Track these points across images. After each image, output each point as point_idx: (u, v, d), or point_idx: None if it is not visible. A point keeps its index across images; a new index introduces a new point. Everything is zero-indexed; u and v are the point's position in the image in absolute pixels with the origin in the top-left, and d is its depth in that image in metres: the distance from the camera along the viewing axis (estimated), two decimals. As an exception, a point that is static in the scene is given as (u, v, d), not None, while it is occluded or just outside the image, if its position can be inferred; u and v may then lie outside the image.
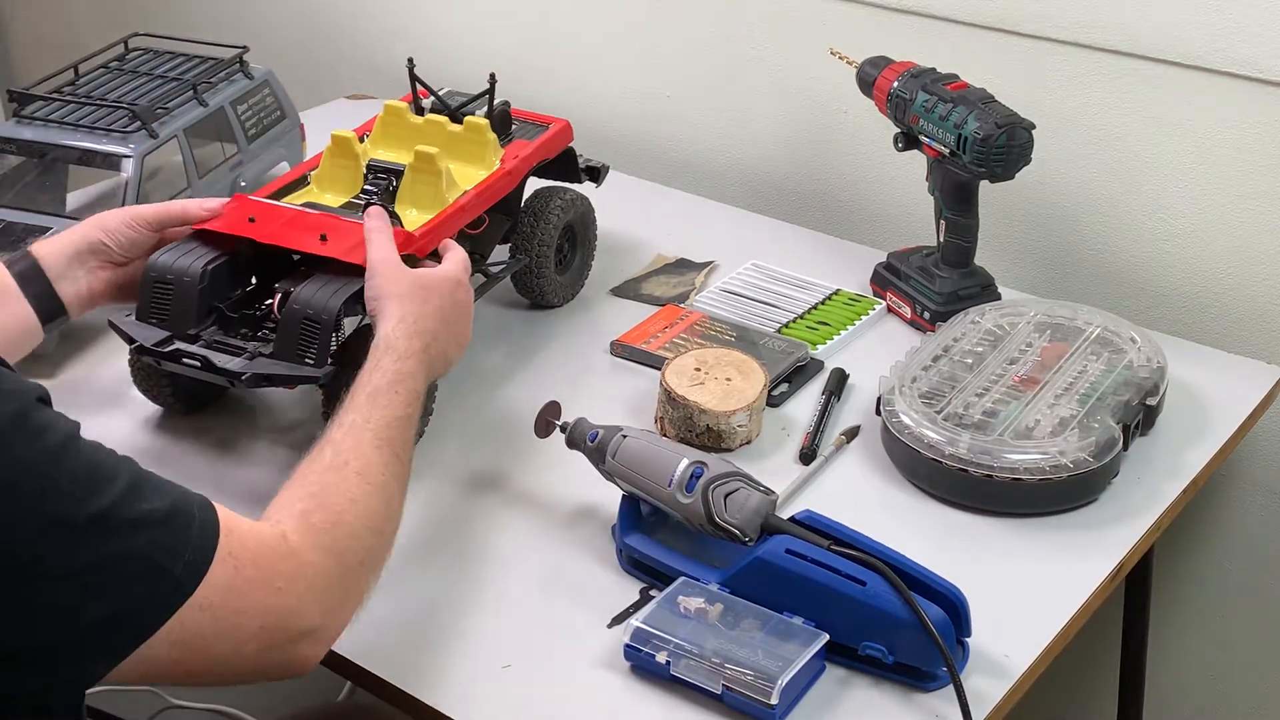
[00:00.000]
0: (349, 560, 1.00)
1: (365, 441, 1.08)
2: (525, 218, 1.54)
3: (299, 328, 1.24)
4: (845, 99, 1.73)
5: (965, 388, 1.36)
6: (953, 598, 1.08)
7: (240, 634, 0.92)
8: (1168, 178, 1.58)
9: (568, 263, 1.61)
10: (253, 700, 2.05)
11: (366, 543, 1.03)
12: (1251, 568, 1.68)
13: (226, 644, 0.92)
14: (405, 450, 1.12)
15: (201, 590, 0.89)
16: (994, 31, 1.64)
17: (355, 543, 1.01)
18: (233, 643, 0.92)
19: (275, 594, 0.94)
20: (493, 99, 1.54)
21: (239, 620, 0.92)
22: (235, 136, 1.72)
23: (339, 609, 1.00)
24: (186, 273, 1.28)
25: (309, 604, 0.96)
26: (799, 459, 1.35)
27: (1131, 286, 1.64)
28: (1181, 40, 1.52)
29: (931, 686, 1.07)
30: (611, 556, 1.22)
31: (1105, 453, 1.28)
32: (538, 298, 1.59)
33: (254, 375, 1.24)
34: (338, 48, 2.33)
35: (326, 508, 1.01)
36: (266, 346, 1.27)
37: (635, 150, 1.97)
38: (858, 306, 1.60)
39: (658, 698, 1.07)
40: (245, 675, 0.95)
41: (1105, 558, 1.23)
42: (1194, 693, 1.78)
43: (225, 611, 0.91)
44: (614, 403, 1.43)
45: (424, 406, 1.22)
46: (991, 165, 1.45)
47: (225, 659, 0.93)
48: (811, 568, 1.08)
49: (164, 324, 1.28)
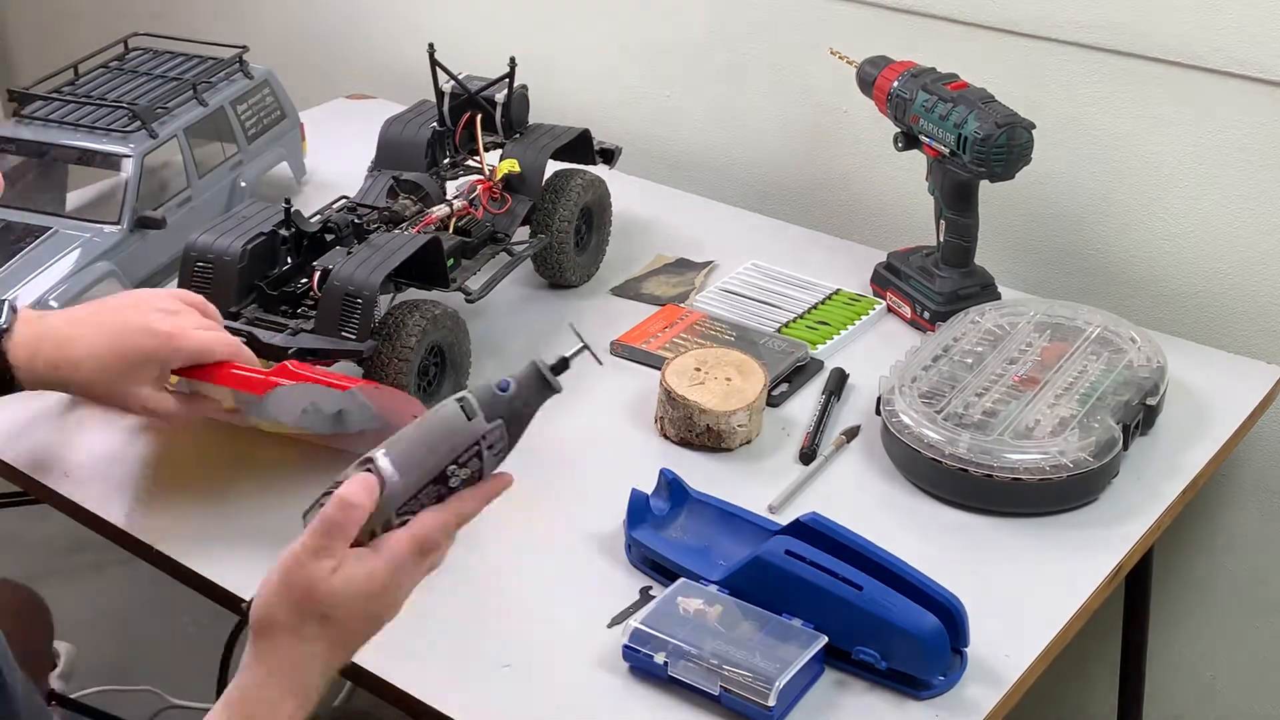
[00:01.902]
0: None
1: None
2: (546, 198, 1.57)
3: (340, 304, 1.28)
4: (845, 99, 1.73)
5: (965, 388, 1.36)
6: (950, 607, 1.08)
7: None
8: (1168, 178, 1.58)
9: (585, 243, 1.64)
10: (253, 700, 2.05)
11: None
12: (1251, 568, 1.68)
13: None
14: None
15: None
16: (994, 31, 1.64)
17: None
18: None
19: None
20: (512, 83, 1.59)
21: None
22: (235, 136, 1.72)
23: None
24: (226, 252, 1.32)
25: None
26: (799, 459, 1.35)
27: (1131, 286, 1.64)
28: (1181, 40, 1.51)
29: (925, 695, 1.07)
30: (611, 557, 1.22)
31: (1105, 453, 1.28)
32: (557, 276, 1.62)
33: (299, 350, 1.27)
34: (338, 48, 2.33)
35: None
36: (307, 323, 1.31)
37: (635, 150, 1.97)
38: (858, 306, 1.60)
39: (656, 698, 1.07)
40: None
41: (1105, 558, 1.23)
42: (1194, 693, 1.78)
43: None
44: (614, 403, 1.43)
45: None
46: (991, 165, 1.45)
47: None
48: (808, 569, 1.08)
49: None
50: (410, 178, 1.52)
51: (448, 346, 1.36)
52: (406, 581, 0.96)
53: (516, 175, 1.56)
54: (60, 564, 2.34)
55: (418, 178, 1.52)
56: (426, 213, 1.48)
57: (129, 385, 1.20)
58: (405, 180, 1.52)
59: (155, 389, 1.21)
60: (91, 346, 1.19)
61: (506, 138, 1.62)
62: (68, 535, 2.20)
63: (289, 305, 1.35)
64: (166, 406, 1.22)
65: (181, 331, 1.21)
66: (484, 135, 1.60)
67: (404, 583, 0.96)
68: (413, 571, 0.96)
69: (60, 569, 2.33)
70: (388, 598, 0.95)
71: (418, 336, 1.30)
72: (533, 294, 1.63)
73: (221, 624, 1.76)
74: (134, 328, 1.20)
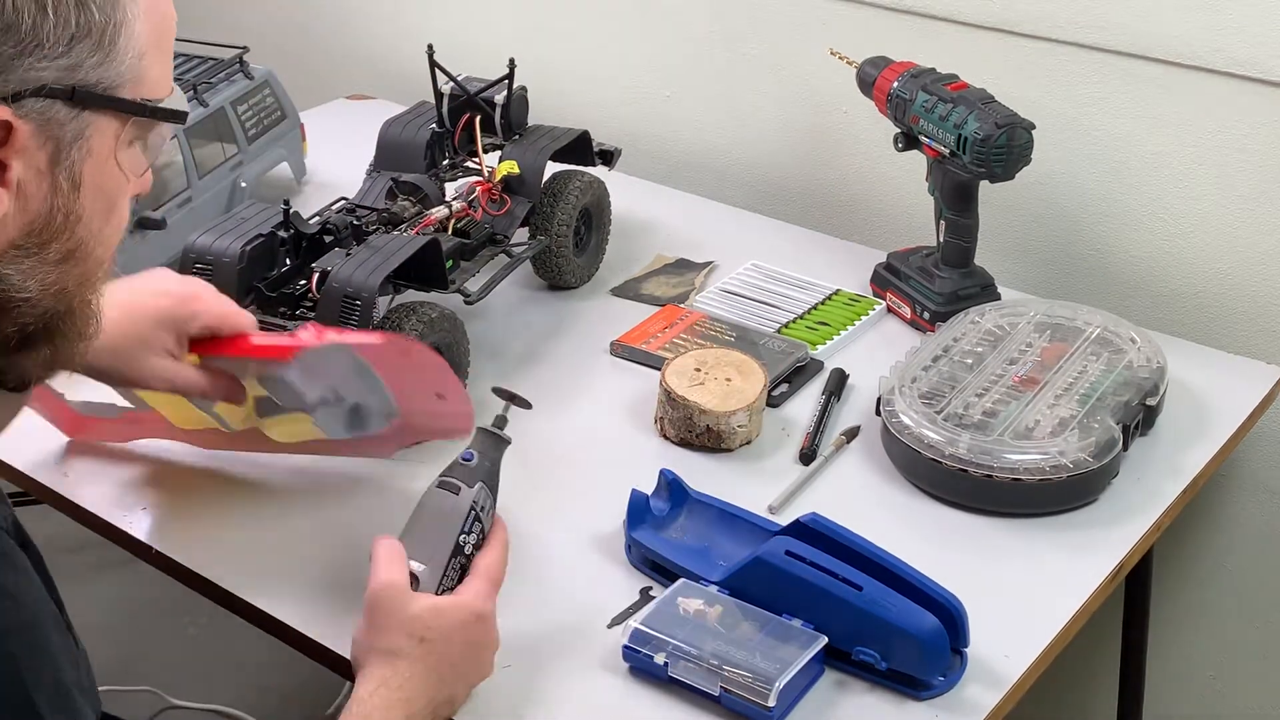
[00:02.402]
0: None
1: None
2: (545, 199, 1.57)
3: (339, 305, 1.29)
4: (845, 99, 1.73)
5: (965, 388, 1.36)
6: (950, 607, 1.08)
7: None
8: (1168, 178, 1.58)
9: (584, 244, 1.64)
10: (253, 700, 2.05)
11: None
12: (1251, 568, 1.68)
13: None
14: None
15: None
16: (994, 31, 1.64)
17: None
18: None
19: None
20: (511, 84, 1.59)
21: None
22: (235, 136, 1.72)
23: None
24: (225, 253, 1.32)
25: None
26: (799, 459, 1.35)
27: (1131, 286, 1.64)
28: (1182, 40, 1.51)
29: (924, 695, 1.07)
30: (611, 557, 1.22)
31: (1105, 453, 1.28)
32: (556, 278, 1.62)
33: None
34: (338, 48, 2.33)
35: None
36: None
37: (635, 150, 1.97)
38: (858, 306, 1.60)
39: (656, 699, 1.07)
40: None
41: (1105, 558, 1.23)
42: (1194, 693, 1.78)
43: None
44: (614, 403, 1.43)
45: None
46: (991, 165, 1.45)
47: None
48: (808, 570, 1.08)
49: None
50: (409, 179, 1.52)
51: (446, 348, 1.36)
52: (489, 609, 1.04)
53: (515, 177, 1.56)
54: (60, 564, 2.32)
55: (417, 179, 1.52)
56: (425, 214, 1.48)
57: (144, 355, 1.13)
58: (404, 181, 1.52)
59: (172, 360, 1.14)
60: (105, 317, 1.13)
61: (506, 139, 1.62)
62: (68, 535, 2.20)
63: (288, 307, 1.35)
64: (188, 378, 1.15)
65: (198, 293, 1.16)
66: (483, 136, 1.60)
67: (487, 610, 1.04)
68: (490, 598, 1.05)
69: (60, 569, 2.32)
70: (481, 626, 1.04)
71: (416, 338, 1.30)
72: (532, 295, 1.63)
73: (222, 624, 1.76)
74: (146, 291, 1.15)
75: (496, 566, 1.07)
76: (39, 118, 0.77)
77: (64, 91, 0.77)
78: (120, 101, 0.80)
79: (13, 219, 0.78)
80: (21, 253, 0.79)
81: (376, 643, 1.00)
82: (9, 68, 0.75)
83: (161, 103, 0.83)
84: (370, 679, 0.99)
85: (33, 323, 0.82)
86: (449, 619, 1.01)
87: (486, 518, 1.09)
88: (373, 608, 1.01)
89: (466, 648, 1.03)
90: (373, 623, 1.01)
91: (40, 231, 0.80)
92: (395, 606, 1.00)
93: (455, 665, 1.02)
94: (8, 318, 0.80)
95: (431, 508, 1.08)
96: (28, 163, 0.77)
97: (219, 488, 1.30)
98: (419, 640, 1.00)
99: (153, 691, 2.06)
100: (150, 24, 0.81)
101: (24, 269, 0.80)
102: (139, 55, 0.80)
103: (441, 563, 1.05)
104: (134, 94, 0.81)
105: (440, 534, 1.06)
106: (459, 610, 1.02)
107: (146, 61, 0.81)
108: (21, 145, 0.77)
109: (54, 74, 0.76)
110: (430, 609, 1.01)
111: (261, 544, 1.23)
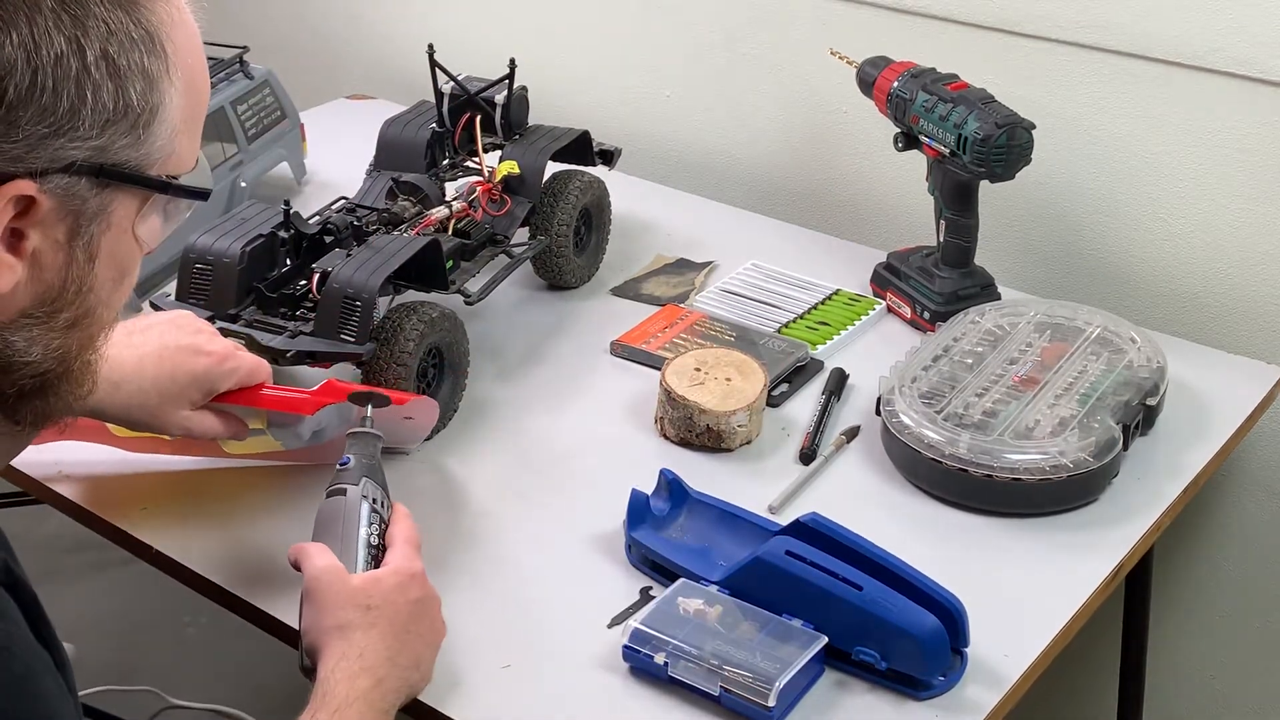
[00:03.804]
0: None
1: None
2: (545, 199, 1.57)
3: (339, 306, 1.29)
4: (845, 99, 1.73)
5: (965, 388, 1.36)
6: (950, 607, 1.08)
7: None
8: (1168, 178, 1.58)
9: (584, 244, 1.64)
10: (253, 700, 2.05)
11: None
12: (1250, 568, 1.68)
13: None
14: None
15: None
16: (994, 31, 1.64)
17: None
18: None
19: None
20: (512, 84, 1.59)
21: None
22: (235, 136, 1.72)
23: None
24: (225, 254, 1.32)
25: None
26: (799, 459, 1.35)
27: (1131, 286, 1.64)
28: (1181, 40, 1.51)
29: (924, 695, 1.07)
30: (611, 557, 1.22)
31: (1105, 453, 1.28)
32: (556, 278, 1.62)
33: (298, 352, 1.28)
34: (338, 48, 2.33)
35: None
36: (306, 325, 1.31)
37: (635, 150, 1.97)
38: (858, 306, 1.60)
39: (656, 699, 1.07)
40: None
41: (1105, 558, 1.23)
42: (1194, 693, 1.78)
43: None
44: (614, 403, 1.43)
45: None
46: (991, 165, 1.45)
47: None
48: (808, 569, 1.08)
49: (204, 304, 1.32)
50: (409, 179, 1.52)
51: (447, 348, 1.36)
52: (418, 566, 1.08)
53: (516, 177, 1.56)
54: (60, 564, 2.34)
55: (417, 179, 1.52)
56: (425, 214, 1.48)
57: (174, 407, 1.17)
58: (404, 181, 1.52)
59: (193, 409, 1.19)
60: (135, 368, 1.16)
61: (506, 139, 1.62)
62: (68, 535, 2.20)
63: (288, 307, 1.35)
64: (206, 426, 1.20)
65: (230, 352, 1.20)
66: (483, 136, 1.60)
67: (417, 568, 1.08)
68: (415, 558, 1.09)
69: (60, 569, 2.33)
70: (417, 583, 1.07)
71: (416, 339, 1.30)
72: (532, 295, 1.63)
73: (221, 624, 1.76)
74: (181, 348, 1.18)
75: (409, 530, 1.11)
76: (63, 193, 0.76)
77: (91, 169, 0.76)
78: (147, 179, 0.79)
79: (25, 288, 0.78)
80: (31, 320, 0.79)
81: (324, 622, 1.03)
82: (40, 146, 0.74)
83: (186, 178, 0.82)
84: (328, 657, 1.01)
85: (29, 383, 0.81)
86: (388, 583, 1.06)
87: (384, 509, 1.12)
88: (313, 592, 1.04)
89: (411, 605, 1.06)
90: (317, 606, 1.04)
91: (53, 301, 0.79)
92: (335, 586, 1.04)
93: (406, 625, 1.05)
94: (6, 379, 0.80)
95: (328, 515, 1.11)
96: (46, 234, 0.77)
97: (219, 488, 1.30)
98: (365, 609, 1.03)
99: (153, 691, 2.06)
100: (186, 101, 0.80)
101: (30, 336, 0.79)
102: (171, 135, 0.80)
103: (354, 559, 1.08)
104: (161, 170, 0.80)
105: (345, 534, 1.09)
106: (394, 575, 1.07)
107: (178, 140, 0.80)
108: (41, 218, 0.76)
109: (84, 153, 0.76)
110: (369, 579, 1.06)
111: (261, 544, 1.23)
